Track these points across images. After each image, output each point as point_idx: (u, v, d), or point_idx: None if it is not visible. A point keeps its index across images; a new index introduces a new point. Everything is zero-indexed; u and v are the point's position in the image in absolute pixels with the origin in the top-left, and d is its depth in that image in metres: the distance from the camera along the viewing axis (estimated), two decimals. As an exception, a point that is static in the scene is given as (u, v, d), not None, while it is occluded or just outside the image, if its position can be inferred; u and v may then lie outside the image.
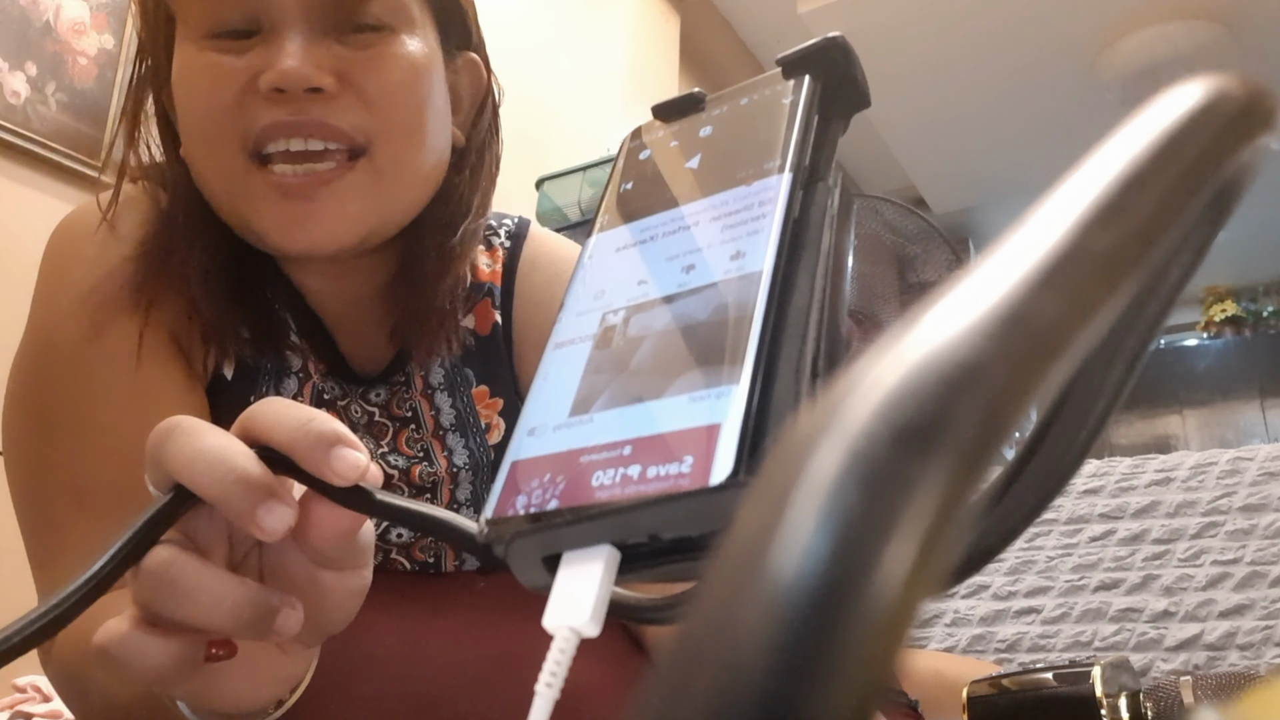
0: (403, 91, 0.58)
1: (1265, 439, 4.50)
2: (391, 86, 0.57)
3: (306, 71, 0.54)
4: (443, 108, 0.62)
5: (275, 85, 0.54)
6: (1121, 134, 0.13)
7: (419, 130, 0.59)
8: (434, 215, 0.63)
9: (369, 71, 0.56)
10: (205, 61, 0.56)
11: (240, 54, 0.56)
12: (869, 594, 0.09)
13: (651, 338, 0.24)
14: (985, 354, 0.10)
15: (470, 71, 0.67)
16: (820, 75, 0.26)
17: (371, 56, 0.57)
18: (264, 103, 0.55)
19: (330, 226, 0.56)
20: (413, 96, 0.58)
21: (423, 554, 0.63)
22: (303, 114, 0.55)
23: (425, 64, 0.59)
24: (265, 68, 0.54)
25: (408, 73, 0.58)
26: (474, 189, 0.66)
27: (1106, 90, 3.58)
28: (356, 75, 0.56)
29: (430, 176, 0.61)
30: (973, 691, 0.58)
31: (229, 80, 0.55)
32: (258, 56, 0.55)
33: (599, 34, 2.89)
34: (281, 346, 0.62)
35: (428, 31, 0.61)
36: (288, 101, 0.55)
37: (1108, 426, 0.20)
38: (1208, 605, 1.05)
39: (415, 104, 0.58)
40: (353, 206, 0.56)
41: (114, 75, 1.79)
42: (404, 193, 0.59)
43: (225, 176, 0.57)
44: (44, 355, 0.60)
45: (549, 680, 0.22)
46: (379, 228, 0.59)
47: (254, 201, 0.56)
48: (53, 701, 1.23)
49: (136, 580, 0.33)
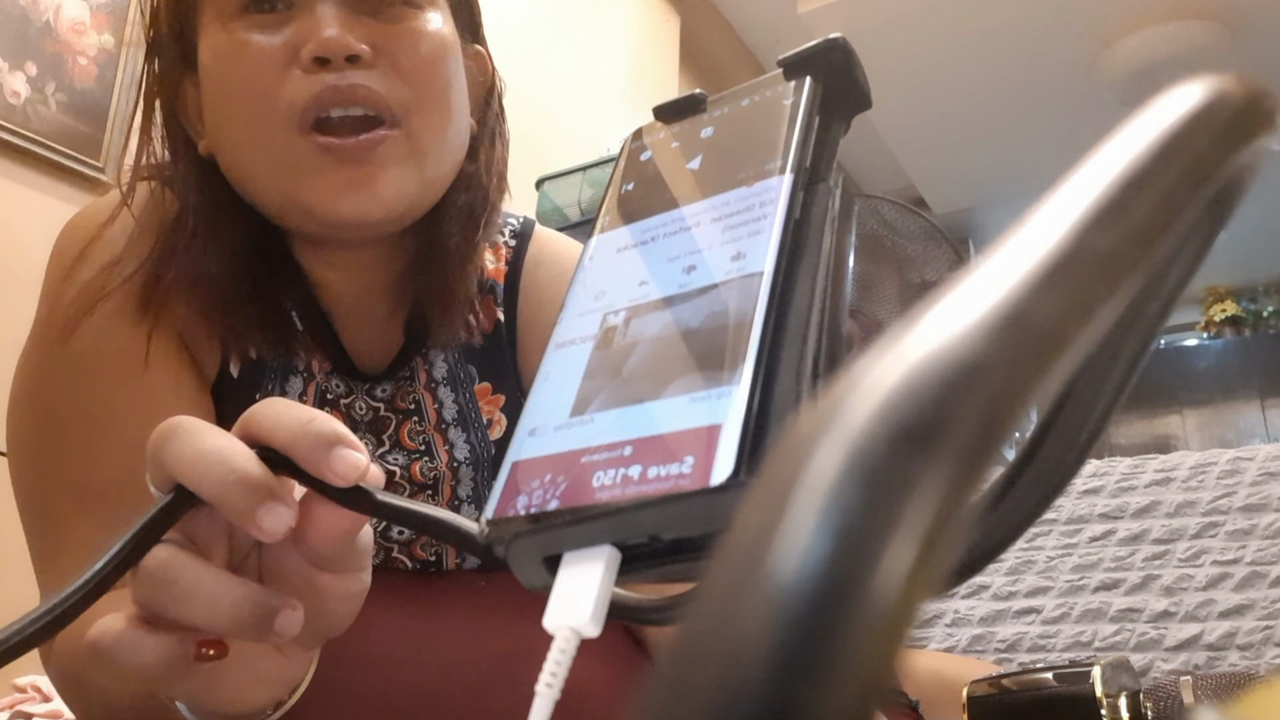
0: (433, 64, 0.59)
1: (1265, 439, 4.50)
2: (422, 59, 0.58)
3: (346, 40, 0.55)
4: (463, 89, 0.63)
5: (318, 54, 0.55)
6: (1121, 134, 0.13)
7: (447, 104, 0.60)
8: (454, 200, 0.64)
9: (401, 44, 0.58)
10: (240, 40, 0.57)
11: (275, 30, 0.57)
12: (869, 594, 0.09)
13: (652, 338, 0.24)
14: (985, 354, 0.10)
15: (478, 62, 0.68)
16: (821, 76, 0.26)
17: (402, 30, 0.58)
18: (305, 75, 0.55)
19: (381, 190, 0.56)
20: (442, 70, 0.60)
21: (424, 552, 0.63)
22: (345, 80, 0.55)
23: (450, 43, 0.61)
24: (303, 41, 0.55)
25: (438, 48, 0.59)
26: (489, 173, 0.67)
27: (1106, 90, 3.58)
28: (390, 47, 0.57)
29: (456, 155, 0.62)
30: (973, 691, 0.58)
31: (269, 56, 0.56)
32: (294, 31, 0.56)
33: (599, 34, 2.89)
34: (292, 345, 0.62)
35: (447, 15, 0.62)
36: (329, 71, 0.55)
37: (1108, 426, 0.20)
38: (1208, 605, 1.05)
39: (444, 78, 0.60)
40: (396, 173, 0.57)
41: (114, 75, 1.79)
42: (436, 168, 0.60)
43: (274, 152, 0.57)
44: (49, 355, 0.60)
45: (549, 680, 0.22)
46: (417, 201, 0.59)
47: (304, 172, 0.56)
48: (53, 701, 1.23)
49: (136, 580, 0.33)
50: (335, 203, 0.56)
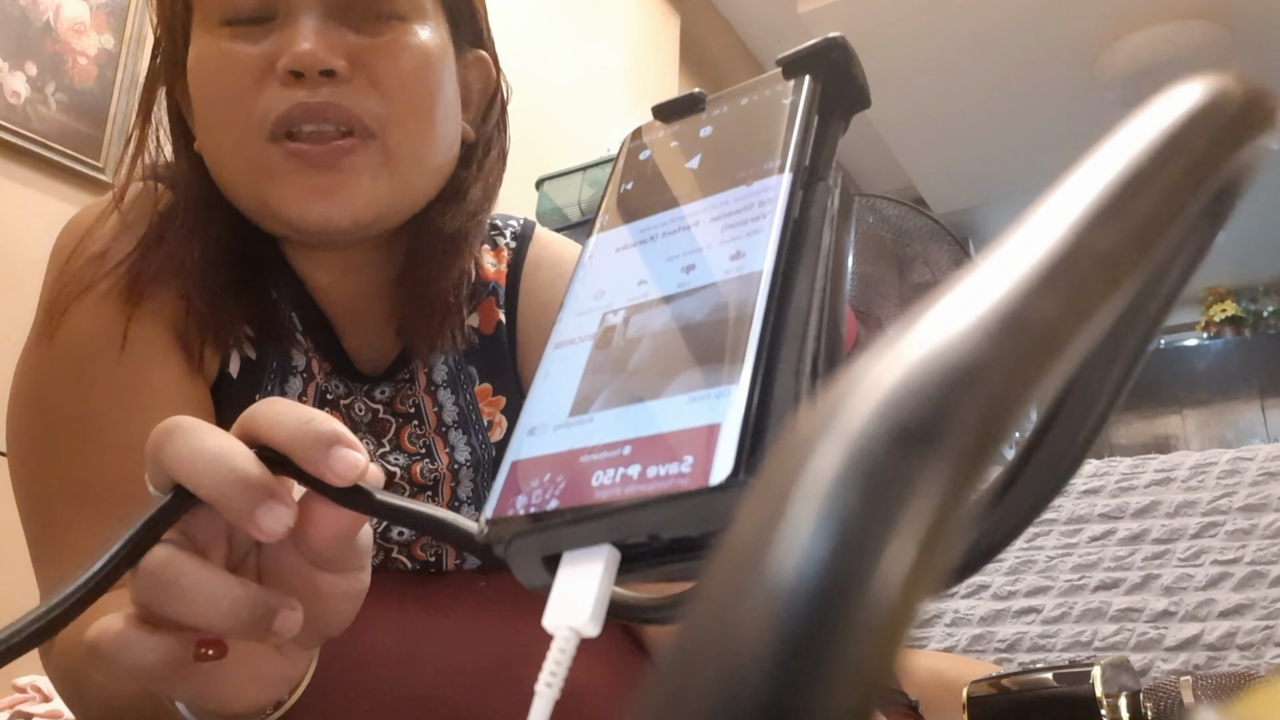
0: (414, 78, 0.58)
1: (1265, 439, 4.50)
2: (403, 73, 0.58)
3: (321, 54, 0.55)
4: (453, 100, 0.62)
5: (291, 68, 0.55)
6: (1121, 134, 0.13)
7: (429, 118, 0.59)
8: (440, 209, 0.63)
9: (382, 58, 0.57)
10: (221, 49, 0.57)
11: (256, 41, 0.57)
12: (868, 594, 0.09)
13: (651, 337, 0.24)
14: (985, 354, 0.10)
15: (480, 68, 0.67)
16: (820, 75, 0.26)
17: (384, 44, 0.58)
18: (280, 87, 0.55)
19: (348, 198, 0.56)
20: (424, 84, 0.59)
21: (424, 553, 0.63)
22: (317, 97, 0.55)
23: (438, 54, 0.60)
24: (280, 53, 0.55)
25: (420, 60, 0.59)
26: (482, 184, 0.66)
27: (1106, 90, 3.58)
28: (369, 61, 0.57)
29: (440, 168, 0.62)
30: (973, 691, 0.58)
31: (246, 66, 0.56)
32: (273, 43, 0.56)
33: (599, 34, 2.89)
34: (285, 343, 0.62)
35: (440, 25, 0.62)
36: (303, 85, 0.55)
37: (1108, 426, 0.20)
38: (1208, 605, 1.05)
39: (426, 91, 0.59)
40: (368, 182, 0.57)
41: (114, 75, 1.79)
42: (414, 179, 0.60)
43: (244, 157, 0.57)
44: (48, 354, 0.60)
45: (549, 680, 0.22)
46: (389, 211, 0.59)
47: (274, 176, 0.56)
48: (53, 701, 1.23)
49: (135, 580, 0.33)
50: (302, 208, 0.56)
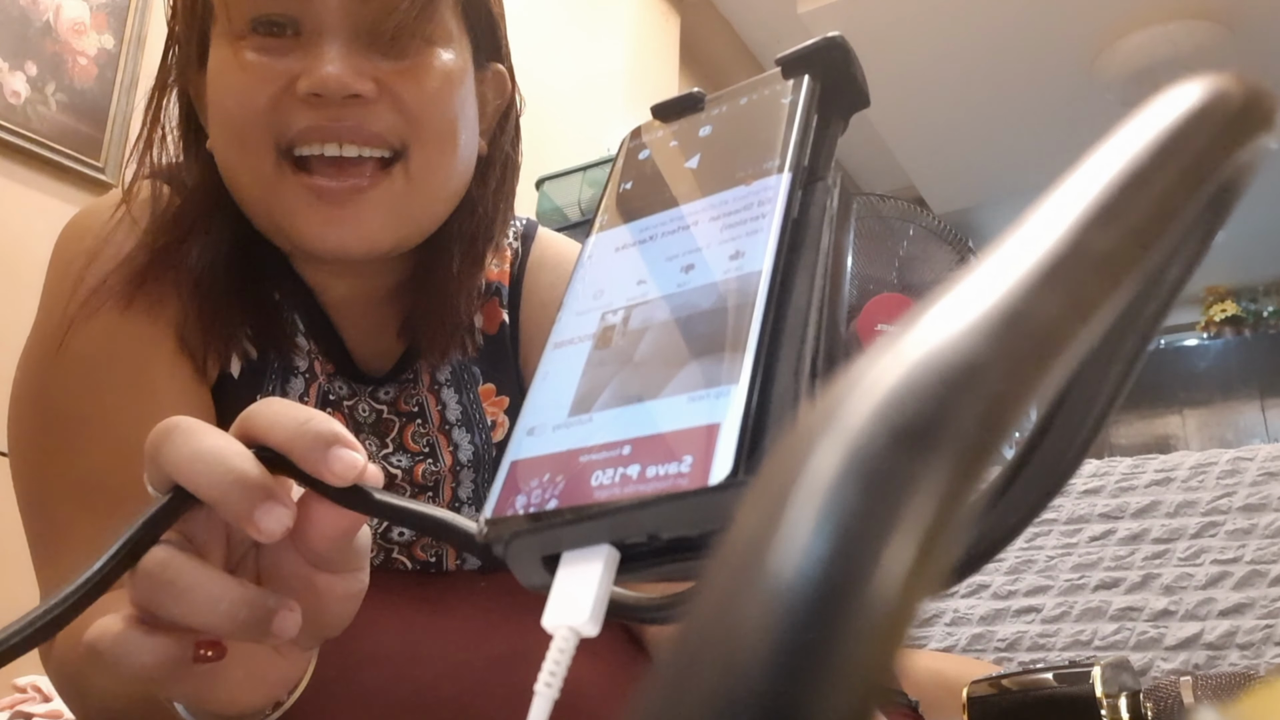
0: (438, 101, 0.58)
1: (1265, 439, 4.50)
2: (427, 96, 0.57)
3: (347, 79, 0.54)
4: (472, 119, 0.62)
5: (314, 90, 0.54)
6: (1120, 134, 0.13)
7: (452, 139, 0.59)
8: (457, 225, 0.63)
9: (406, 81, 0.57)
10: (243, 61, 0.56)
11: (279, 56, 0.56)
12: (868, 594, 0.09)
13: (650, 337, 0.24)
14: (984, 354, 0.10)
15: (497, 83, 0.67)
16: (820, 75, 0.26)
17: (410, 67, 0.57)
18: (300, 106, 0.55)
19: (365, 230, 0.56)
20: (447, 106, 0.59)
21: (424, 553, 0.63)
22: (339, 119, 0.55)
23: (460, 76, 0.60)
24: (304, 72, 0.55)
25: (443, 84, 0.58)
26: (496, 200, 0.66)
27: (1106, 90, 3.58)
28: (394, 85, 0.56)
29: (459, 185, 0.62)
30: (973, 691, 0.58)
31: (266, 81, 0.55)
32: (296, 60, 0.55)
33: (599, 34, 2.89)
34: (286, 345, 0.62)
35: (462, 45, 0.61)
36: (324, 106, 0.55)
37: (1107, 426, 0.20)
38: (1208, 604, 1.05)
39: (450, 113, 0.59)
40: (386, 214, 0.57)
41: (114, 75, 1.79)
42: (435, 201, 0.60)
43: (258, 176, 0.57)
44: (49, 353, 0.60)
45: (548, 680, 0.22)
46: (409, 236, 0.59)
47: (288, 204, 0.56)
48: (53, 701, 1.22)
49: (134, 580, 0.33)
50: (319, 237, 0.56)
